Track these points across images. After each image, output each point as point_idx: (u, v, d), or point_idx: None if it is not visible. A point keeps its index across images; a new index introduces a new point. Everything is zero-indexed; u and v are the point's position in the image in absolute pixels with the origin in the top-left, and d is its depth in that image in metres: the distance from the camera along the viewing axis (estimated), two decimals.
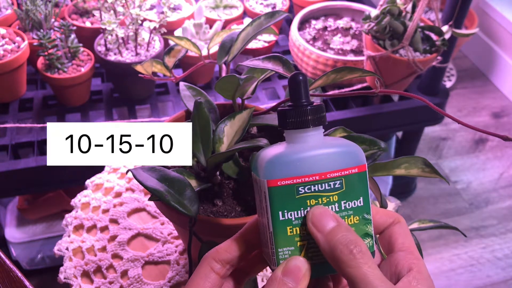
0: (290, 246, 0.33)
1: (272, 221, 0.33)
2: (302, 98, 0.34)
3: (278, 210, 0.33)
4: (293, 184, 0.32)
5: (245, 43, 0.52)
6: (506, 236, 1.43)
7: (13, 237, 1.21)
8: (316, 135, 0.34)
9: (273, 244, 0.33)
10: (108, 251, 0.64)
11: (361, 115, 1.13)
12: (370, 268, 0.30)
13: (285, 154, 0.33)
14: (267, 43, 1.19)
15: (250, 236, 0.36)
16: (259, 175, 0.33)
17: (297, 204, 0.33)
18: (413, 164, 0.49)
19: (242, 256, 0.35)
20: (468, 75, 1.98)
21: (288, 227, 0.33)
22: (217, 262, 0.35)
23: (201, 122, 0.49)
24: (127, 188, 0.72)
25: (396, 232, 0.35)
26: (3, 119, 1.08)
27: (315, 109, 0.34)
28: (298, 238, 0.33)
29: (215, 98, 1.07)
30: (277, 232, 0.33)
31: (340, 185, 0.33)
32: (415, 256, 0.34)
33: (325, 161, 0.33)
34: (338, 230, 0.32)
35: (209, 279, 0.34)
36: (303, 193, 0.33)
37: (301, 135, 0.34)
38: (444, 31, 0.99)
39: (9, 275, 0.52)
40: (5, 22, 1.16)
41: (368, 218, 0.34)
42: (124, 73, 1.06)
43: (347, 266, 0.30)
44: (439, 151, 1.68)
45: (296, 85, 0.34)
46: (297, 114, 0.34)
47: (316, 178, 0.33)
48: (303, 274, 0.32)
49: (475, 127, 0.42)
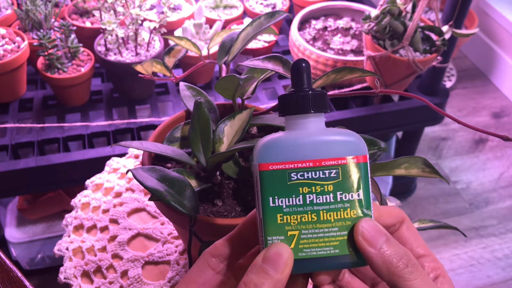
0: (280, 235, 0.32)
1: (262, 207, 0.32)
2: (304, 85, 0.33)
3: (268, 196, 0.31)
4: (285, 169, 0.31)
5: (245, 43, 0.52)
6: (506, 236, 1.43)
7: (13, 237, 1.21)
8: (317, 122, 0.33)
9: (263, 232, 0.32)
10: (108, 251, 0.64)
11: (361, 115, 1.13)
12: (424, 278, 0.31)
13: (281, 139, 0.32)
14: (267, 43, 1.19)
15: (247, 232, 0.35)
16: (253, 159, 0.32)
17: (289, 191, 0.31)
18: (413, 164, 0.49)
19: (239, 252, 0.35)
20: (468, 75, 1.98)
21: (278, 214, 0.32)
22: (214, 257, 0.34)
23: (201, 122, 0.49)
24: (127, 188, 0.72)
25: (405, 235, 0.35)
26: (3, 119, 1.08)
27: (317, 95, 0.33)
28: (289, 227, 0.32)
29: (215, 98, 1.07)
30: (266, 219, 0.32)
31: (336, 175, 0.31)
32: (435, 260, 0.34)
33: (321, 148, 0.31)
34: (390, 244, 0.31)
35: (204, 274, 0.34)
36: (295, 180, 0.31)
37: (301, 121, 0.33)
38: (444, 31, 0.99)
39: (9, 275, 0.52)
40: (5, 22, 1.16)
41: (368, 214, 0.32)
42: (124, 73, 1.06)
43: (404, 279, 0.30)
44: (439, 151, 1.68)
45: (298, 71, 0.33)
46: (298, 99, 0.33)
47: (310, 164, 0.31)
48: (284, 262, 0.31)
49: (475, 127, 0.42)
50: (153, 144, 0.48)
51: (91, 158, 1.00)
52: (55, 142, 1.06)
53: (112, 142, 1.07)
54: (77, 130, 1.06)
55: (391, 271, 0.30)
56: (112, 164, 0.75)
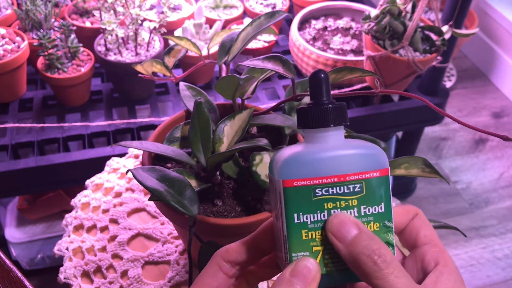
0: (305, 251, 0.31)
1: (287, 223, 0.31)
2: (323, 97, 0.33)
3: (293, 212, 0.31)
4: (310, 185, 0.31)
5: (245, 43, 0.52)
6: (506, 236, 1.43)
7: (13, 237, 1.21)
8: (337, 135, 0.33)
9: (287, 248, 0.31)
10: (108, 251, 0.64)
11: (361, 115, 1.13)
12: (396, 278, 0.29)
13: (302, 154, 0.31)
14: (267, 43, 1.19)
15: (263, 240, 0.35)
16: (274, 175, 0.32)
17: (314, 206, 0.31)
18: (413, 164, 0.49)
19: (252, 259, 0.35)
20: (468, 75, 1.98)
21: (303, 230, 0.31)
22: (226, 262, 0.34)
23: (201, 122, 0.49)
24: (127, 188, 0.72)
25: (416, 225, 0.34)
26: (3, 119, 1.08)
27: (337, 108, 0.32)
28: (314, 243, 0.31)
29: (215, 98, 1.07)
30: (291, 236, 0.31)
31: (360, 189, 0.31)
32: (439, 248, 0.33)
33: (345, 163, 0.31)
34: (360, 239, 0.30)
35: (217, 278, 0.34)
36: (320, 195, 0.31)
37: (321, 135, 0.32)
38: (444, 31, 0.99)
39: (9, 275, 0.52)
40: (5, 22, 1.16)
41: (389, 226, 0.32)
42: (124, 73, 1.06)
43: (373, 278, 0.29)
44: (439, 151, 1.68)
45: (317, 83, 0.33)
46: (318, 112, 0.32)
47: (334, 180, 0.31)
48: (312, 276, 0.30)
49: (475, 127, 0.42)
50: (153, 144, 0.48)
51: (91, 158, 1.00)
52: (55, 142, 1.06)
53: (112, 142, 1.07)
54: (77, 130, 1.06)
55: (360, 268, 0.30)
56: (112, 164, 0.75)
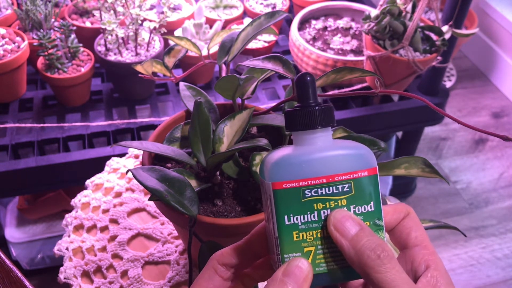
0: (297, 252, 0.32)
1: (278, 225, 0.32)
2: (310, 99, 0.33)
3: (283, 214, 0.31)
4: (299, 187, 0.31)
5: (245, 43, 0.52)
6: (506, 236, 1.43)
7: (13, 237, 1.21)
8: (325, 136, 0.33)
9: (279, 250, 0.32)
10: (108, 251, 0.64)
11: (361, 115, 1.13)
12: (397, 272, 0.30)
13: (291, 156, 0.32)
14: (267, 43, 1.19)
15: (256, 243, 0.35)
16: (265, 178, 0.32)
17: (304, 208, 0.32)
18: (413, 164, 0.49)
19: (246, 262, 0.35)
20: (468, 75, 1.98)
21: (294, 232, 0.32)
22: (221, 265, 0.35)
23: (201, 122, 0.49)
24: (127, 188, 0.72)
25: (408, 226, 0.34)
26: (3, 119, 1.08)
27: (324, 109, 0.33)
28: (305, 243, 0.32)
29: (215, 98, 1.07)
30: (282, 237, 0.32)
31: (349, 189, 0.32)
32: (430, 251, 0.33)
33: (333, 164, 0.32)
34: (363, 234, 0.31)
35: (213, 281, 0.34)
36: (309, 197, 0.32)
37: (309, 137, 0.33)
38: (444, 31, 0.99)
39: (9, 275, 0.52)
40: (5, 22, 1.16)
41: (379, 224, 0.33)
42: (124, 73, 1.06)
43: (375, 271, 0.30)
44: (439, 151, 1.68)
45: (303, 85, 0.33)
46: (305, 115, 0.33)
47: (323, 181, 0.31)
48: (305, 276, 0.31)
49: (475, 127, 0.42)
50: (153, 144, 0.48)
51: (91, 158, 1.00)
52: (55, 142, 1.06)
53: (112, 142, 1.07)
54: (77, 130, 1.06)
55: (363, 262, 0.30)
56: (112, 164, 0.75)
